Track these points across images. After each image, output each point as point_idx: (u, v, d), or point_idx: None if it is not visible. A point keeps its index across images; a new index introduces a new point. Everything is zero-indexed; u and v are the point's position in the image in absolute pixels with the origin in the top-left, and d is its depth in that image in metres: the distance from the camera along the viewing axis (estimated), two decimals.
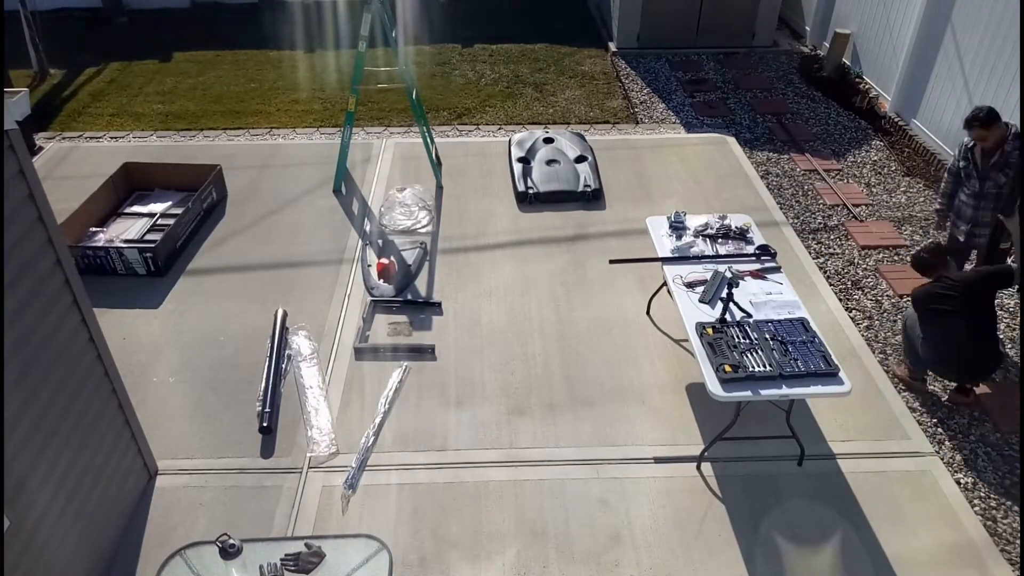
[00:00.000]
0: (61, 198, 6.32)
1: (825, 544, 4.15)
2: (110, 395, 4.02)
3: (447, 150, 7.98)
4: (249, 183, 7.44)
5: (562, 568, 4.03)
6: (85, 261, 6.00)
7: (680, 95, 9.50)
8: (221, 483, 4.50)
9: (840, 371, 4.14)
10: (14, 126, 3.12)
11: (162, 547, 4.04)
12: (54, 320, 3.50)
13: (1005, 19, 6.68)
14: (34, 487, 3.35)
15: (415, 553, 4.10)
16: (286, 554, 3.46)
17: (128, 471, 4.26)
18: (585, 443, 4.74)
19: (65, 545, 3.62)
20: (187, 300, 5.93)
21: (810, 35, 10.79)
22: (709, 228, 5.39)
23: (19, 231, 3.22)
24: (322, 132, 8.59)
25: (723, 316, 4.56)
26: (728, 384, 4.08)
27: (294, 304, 5.84)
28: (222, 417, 4.92)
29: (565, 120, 8.92)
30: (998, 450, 4.76)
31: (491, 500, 4.39)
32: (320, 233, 6.71)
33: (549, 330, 5.63)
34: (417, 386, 5.16)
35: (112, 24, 11.64)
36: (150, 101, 9.32)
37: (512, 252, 6.50)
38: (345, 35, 11.29)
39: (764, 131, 8.61)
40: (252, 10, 12.20)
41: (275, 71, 10.17)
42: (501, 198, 7.25)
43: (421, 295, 6.00)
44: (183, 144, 8.32)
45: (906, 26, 8.22)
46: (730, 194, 7.25)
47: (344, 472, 4.55)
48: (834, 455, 4.66)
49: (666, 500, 4.39)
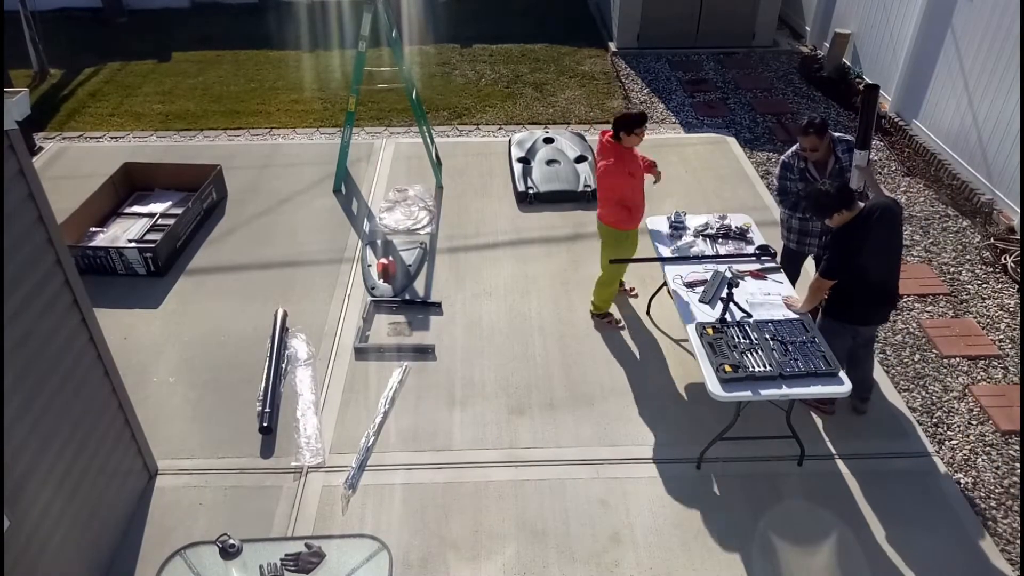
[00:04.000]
0: (61, 198, 6.31)
1: (825, 544, 4.14)
2: (110, 395, 4.02)
3: (447, 150, 7.98)
4: (249, 183, 7.43)
5: (562, 568, 4.03)
6: (85, 261, 6.00)
7: (680, 95, 9.50)
8: (221, 483, 4.50)
9: (840, 371, 4.14)
10: (14, 126, 3.12)
11: (162, 547, 4.03)
12: (54, 320, 3.50)
13: (1005, 19, 6.68)
14: (34, 487, 3.35)
15: (415, 553, 4.10)
16: (286, 554, 3.46)
17: (128, 471, 4.26)
18: (585, 443, 4.74)
19: (65, 545, 3.62)
20: (187, 300, 5.93)
21: (810, 35, 10.79)
22: (709, 228, 5.39)
23: (19, 231, 3.22)
24: (322, 132, 8.59)
25: (723, 316, 4.56)
26: (728, 384, 4.08)
27: (294, 304, 5.84)
28: (222, 417, 4.92)
29: (565, 120, 8.92)
30: (998, 450, 4.76)
31: (491, 500, 4.39)
32: (320, 233, 6.71)
33: (549, 330, 5.63)
34: (417, 386, 5.16)
35: (112, 24, 11.64)
36: (150, 101, 9.31)
37: (512, 252, 6.50)
38: (345, 35, 11.29)
39: (764, 131, 8.61)
40: (252, 10, 12.20)
41: (275, 71, 10.17)
42: (501, 198, 7.25)
43: (421, 295, 6.00)
44: (183, 144, 8.32)
45: (906, 26, 8.22)
46: (730, 194, 7.25)
47: (344, 472, 4.55)
48: (834, 455, 4.66)
49: (666, 500, 4.39)
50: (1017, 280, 6.14)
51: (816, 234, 5.13)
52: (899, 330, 5.67)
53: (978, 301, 5.97)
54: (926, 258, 6.43)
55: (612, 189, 5.01)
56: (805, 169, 4.95)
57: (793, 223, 5.18)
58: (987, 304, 5.93)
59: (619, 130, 4.89)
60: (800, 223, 5.14)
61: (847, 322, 4.52)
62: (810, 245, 5.21)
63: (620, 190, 4.99)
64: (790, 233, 5.24)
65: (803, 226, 5.14)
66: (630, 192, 5.02)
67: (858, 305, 4.46)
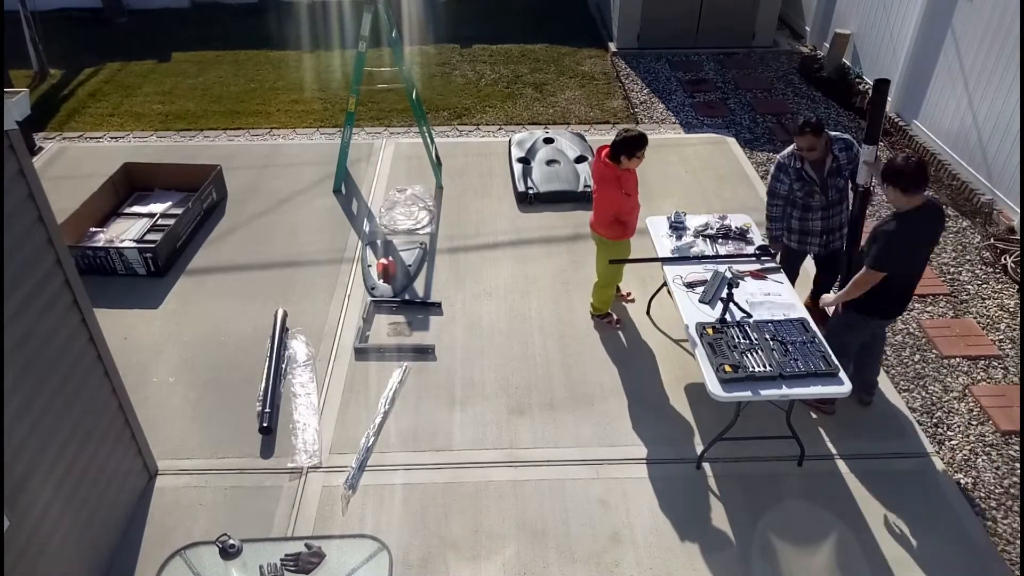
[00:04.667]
0: (61, 198, 6.31)
1: (825, 544, 4.14)
2: (110, 395, 4.02)
3: (447, 150, 7.97)
4: (249, 183, 7.43)
5: (562, 568, 4.03)
6: (85, 261, 6.00)
7: (680, 95, 9.50)
8: (221, 483, 4.50)
9: (840, 371, 4.14)
10: (14, 126, 3.12)
11: (162, 547, 4.03)
12: (54, 320, 3.50)
13: (1005, 20, 6.68)
14: (34, 487, 3.35)
15: (415, 553, 4.10)
16: (286, 554, 3.46)
17: (128, 471, 4.26)
18: (585, 443, 4.74)
19: (65, 545, 3.62)
20: (187, 300, 5.93)
21: (810, 35, 10.79)
22: (709, 228, 5.39)
23: (19, 231, 3.22)
24: (322, 132, 8.59)
25: (723, 316, 4.56)
26: (728, 384, 4.08)
27: (294, 304, 5.84)
28: (222, 417, 4.92)
29: (565, 120, 8.92)
30: (998, 450, 4.76)
31: (491, 500, 4.39)
32: (320, 233, 6.71)
33: (549, 330, 5.63)
34: (417, 386, 5.16)
35: (112, 24, 11.64)
36: (150, 101, 9.31)
37: (512, 252, 6.50)
38: (345, 35, 11.29)
39: (764, 131, 8.61)
40: (252, 10, 12.20)
41: (275, 71, 10.17)
42: (501, 198, 7.25)
43: (421, 295, 6.00)
44: (183, 144, 8.32)
45: (906, 26, 8.22)
46: (730, 194, 7.25)
47: (344, 472, 4.55)
48: (834, 455, 4.66)
49: (666, 500, 4.39)
50: (1017, 280, 6.15)
51: (817, 233, 5.12)
52: (899, 330, 5.67)
53: (978, 301, 5.97)
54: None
55: (608, 207, 5.01)
56: (802, 169, 4.94)
57: (793, 223, 5.17)
58: (987, 304, 5.93)
59: (620, 153, 4.82)
60: (800, 223, 5.13)
61: (874, 316, 4.53)
62: (811, 244, 5.21)
63: (616, 207, 4.98)
64: (790, 233, 5.23)
65: (803, 226, 5.14)
66: (627, 209, 5.02)
67: (889, 300, 4.46)
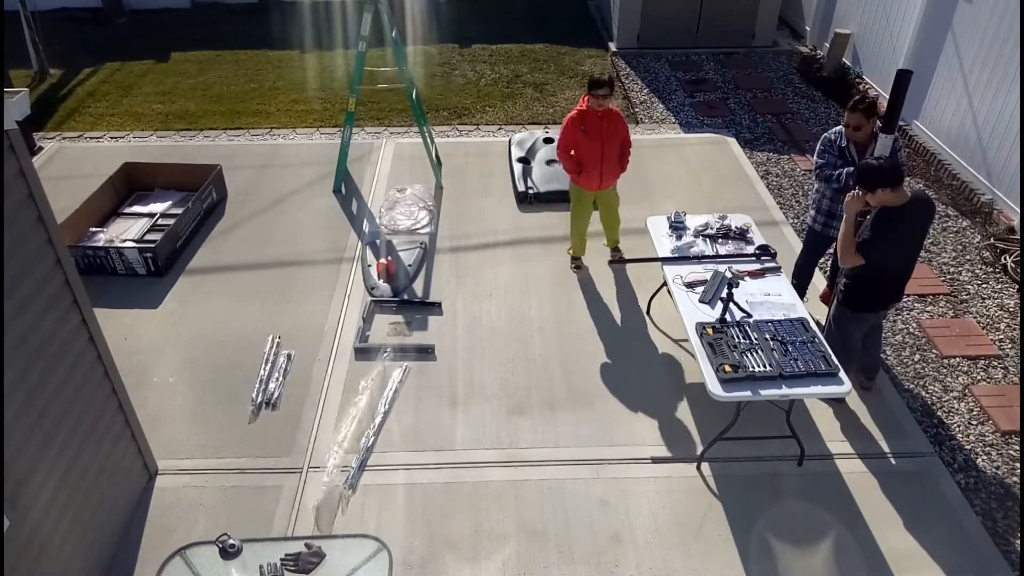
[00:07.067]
0: (61, 198, 6.31)
1: (825, 544, 4.14)
2: (110, 395, 4.02)
3: (447, 150, 7.97)
4: (249, 183, 7.43)
5: (562, 568, 4.03)
6: (85, 261, 6.00)
7: (680, 95, 9.50)
8: (221, 483, 4.50)
9: (840, 371, 4.14)
10: (14, 126, 3.12)
11: (162, 547, 4.03)
12: (54, 320, 3.50)
13: (1005, 19, 6.68)
14: (34, 487, 3.35)
15: (415, 553, 4.10)
16: (286, 554, 3.46)
17: (128, 471, 4.26)
18: (585, 443, 4.74)
19: (65, 545, 3.62)
20: (187, 300, 5.93)
21: (810, 35, 10.79)
22: (709, 228, 5.39)
23: (19, 231, 3.22)
24: (322, 132, 8.59)
25: (723, 316, 4.56)
26: (728, 384, 4.08)
27: (294, 304, 5.84)
28: (222, 417, 4.92)
29: None
30: (998, 450, 4.76)
31: (491, 500, 4.39)
32: (320, 233, 6.71)
33: (549, 330, 5.63)
34: (417, 386, 5.16)
35: (112, 24, 11.63)
36: (150, 101, 9.31)
37: (512, 252, 6.50)
38: (346, 35, 11.29)
39: (764, 131, 8.61)
40: (252, 10, 12.20)
41: (275, 71, 10.17)
42: (501, 198, 7.25)
43: (421, 295, 6.00)
44: (183, 144, 8.31)
45: (906, 26, 8.22)
46: (730, 194, 7.25)
47: (344, 472, 4.54)
48: (834, 455, 4.66)
49: (666, 500, 4.39)
50: (1017, 280, 6.14)
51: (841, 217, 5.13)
52: (899, 330, 5.67)
53: (978, 301, 5.97)
54: (926, 258, 6.42)
55: (563, 135, 5.60)
56: (846, 148, 4.99)
57: (823, 204, 5.21)
58: (987, 304, 5.93)
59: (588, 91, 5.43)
60: (830, 204, 5.17)
61: (864, 311, 4.62)
62: (835, 228, 5.20)
63: (568, 138, 5.55)
64: (817, 214, 5.28)
65: (832, 208, 5.16)
66: (581, 148, 5.54)
67: (875, 294, 4.56)
